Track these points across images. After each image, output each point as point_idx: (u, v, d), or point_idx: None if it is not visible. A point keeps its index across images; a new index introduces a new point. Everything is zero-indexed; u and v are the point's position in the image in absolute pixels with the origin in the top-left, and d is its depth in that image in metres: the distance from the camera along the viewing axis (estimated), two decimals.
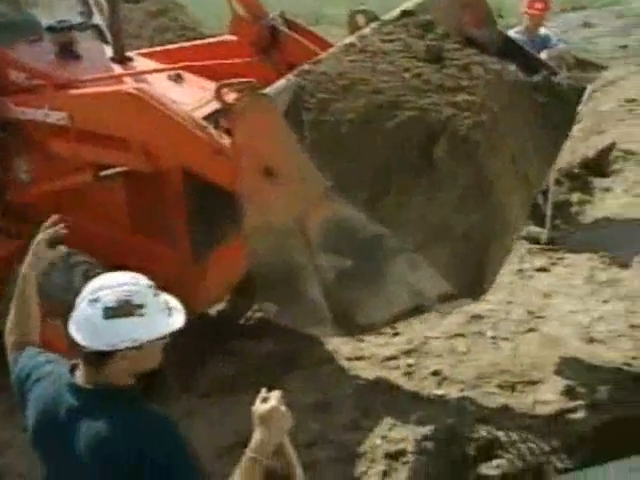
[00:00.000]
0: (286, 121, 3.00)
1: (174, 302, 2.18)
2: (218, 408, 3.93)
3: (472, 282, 3.11)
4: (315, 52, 4.08)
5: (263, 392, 2.25)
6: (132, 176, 3.84)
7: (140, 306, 2.04)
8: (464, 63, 3.52)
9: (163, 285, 3.75)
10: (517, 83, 3.65)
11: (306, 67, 3.23)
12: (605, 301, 4.55)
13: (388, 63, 3.38)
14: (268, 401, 2.21)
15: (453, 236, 3.08)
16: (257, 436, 2.15)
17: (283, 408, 2.20)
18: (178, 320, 2.13)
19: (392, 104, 3.16)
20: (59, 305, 3.15)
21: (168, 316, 2.12)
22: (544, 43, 5.42)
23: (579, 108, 3.93)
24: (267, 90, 3.03)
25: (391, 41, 3.56)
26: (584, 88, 4.03)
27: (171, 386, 4.03)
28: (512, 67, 3.69)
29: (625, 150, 6.24)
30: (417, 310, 3.23)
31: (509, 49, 3.83)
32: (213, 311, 4.76)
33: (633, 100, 7.21)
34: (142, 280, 2.12)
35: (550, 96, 3.76)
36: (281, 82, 3.12)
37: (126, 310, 2.02)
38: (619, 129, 6.60)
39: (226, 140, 3.47)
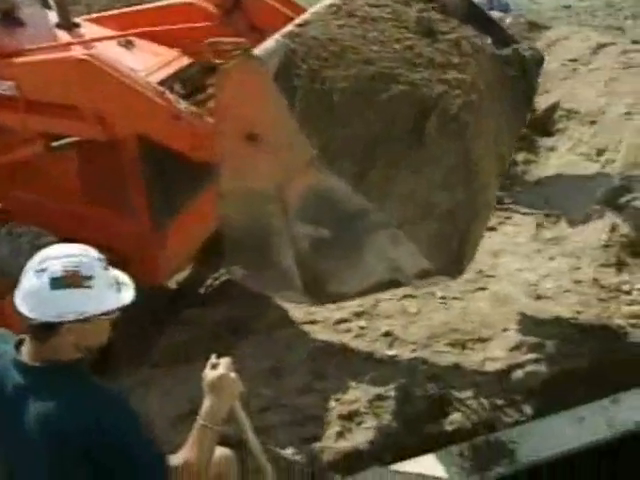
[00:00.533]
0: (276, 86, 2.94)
1: (123, 278, 2.16)
2: (171, 377, 3.92)
3: (452, 261, 3.14)
4: (283, 13, 4.02)
5: (212, 359, 2.26)
6: (86, 146, 3.75)
7: (88, 278, 2.01)
8: (454, 38, 3.48)
9: (123, 256, 3.75)
10: (493, 57, 3.63)
11: (294, 29, 3.13)
12: (551, 258, 4.63)
13: (378, 32, 3.32)
14: (217, 368, 2.22)
15: (437, 214, 3.08)
16: (207, 403, 2.16)
17: (232, 374, 2.21)
18: (127, 296, 2.11)
19: (384, 76, 3.11)
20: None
21: (117, 291, 2.09)
22: (502, 9, 5.43)
23: (539, 79, 3.94)
24: (257, 52, 2.95)
25: (378, 6, 3.48)
26: (543, 58, 4.03)
27: (124, 358, 4.01)
28: (488, 40, 3.65)
29: (569, 109, 6.31)
30: (392, 284, 3.26)
31: (473, 15, 3.79)
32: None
33: (576, 60, 7.29)
34: (91, 252, 2.09)
35: (517, 69, 3.75)
36: (269, 44, 3.03)
37: (73, 281, 1.99)
38: (563, 88, 6.67)
39: (183, 105, 3.42)
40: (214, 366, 2.24)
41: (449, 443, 3.44)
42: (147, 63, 3.92)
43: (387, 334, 4.02)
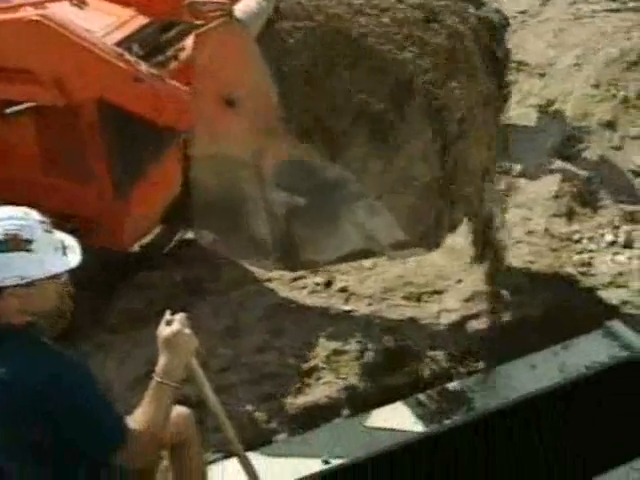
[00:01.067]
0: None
1: (70, 241, 2.11)
2: (129, 341, 3.89)
3: (428, 234, 3.14)
4: None
5: (167, 315, 2.24)
6: (42, 111, 3.63)
7: (29, 241, 1.96)
8: (451, 25, 3.30)
9: (88, 224, 3.64)
10: (478, 32, 3.48)
11: None
12: (503, 210, 4.68)
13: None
14: (172, 324, 2.20)
15: (416, 187, 3.06)
16: (163, 360, 2.15)
17: (187, 330, 2.20)
18: (73, 259, 2.06)
19: (369, 51, 3.02)
20: None
21: (63, 255, 2.04)
22: None
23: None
24: (239, 14, 2.85)
25: None
26: (508, 22, 3.96)
27: (81, 324, 3.96)
28: (470, 9, 3.51)
29: (518, 61, 6.32)
30: (366, 253, 3.26)
31: None
32: None
33: (525, 11, 7.31)
34: (33, 215, 2.03)
35: (495, 40, 3.64)
36: (251, 6, 2.93)
37: (13, 244, 1.94)
38: (512, 41, 6.66)
39: (144, 67, 3.34)
40: (168, 322, 2.21)
41: (407, 394, 3.49)
42: (102, 23, 3.80)
43: (343, 289, 4.05)
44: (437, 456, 3.20)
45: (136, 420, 2.07)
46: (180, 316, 2.22)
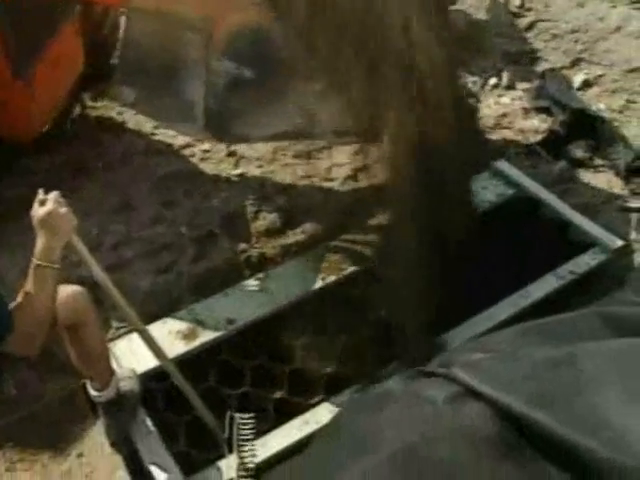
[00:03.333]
0: None
1: None
2: (17, 230, 3.75)
3: (374, 124, 3.05)
4: None
5: (40, 195, 2.14)
6: None
7: None
8: None
9: None
10: None
11: None
12: None
13: None
14: (46, 204, 2.12)
15: (369, 77, 2.95)
16: (40, 242, 2.07)
17: (63, 209, 2.12)
18: None
19: None
20: None
21: None
22: None
23: None
24: None
25: None
26: None
27: None
28: None
29: None
30: (301, 136, 3.18)
31: None
32: None
33: None
34: None
35: None
36: None
37: None
38: None
39: None
40: (42, 202, 2.12)
41: (305, 250, 3.54)
42: None
43: (232, 154, 3.99)
44: (336, 306, 3.30)
45: (20, 306, 2.02)
46: (53, 194, 2.12)
